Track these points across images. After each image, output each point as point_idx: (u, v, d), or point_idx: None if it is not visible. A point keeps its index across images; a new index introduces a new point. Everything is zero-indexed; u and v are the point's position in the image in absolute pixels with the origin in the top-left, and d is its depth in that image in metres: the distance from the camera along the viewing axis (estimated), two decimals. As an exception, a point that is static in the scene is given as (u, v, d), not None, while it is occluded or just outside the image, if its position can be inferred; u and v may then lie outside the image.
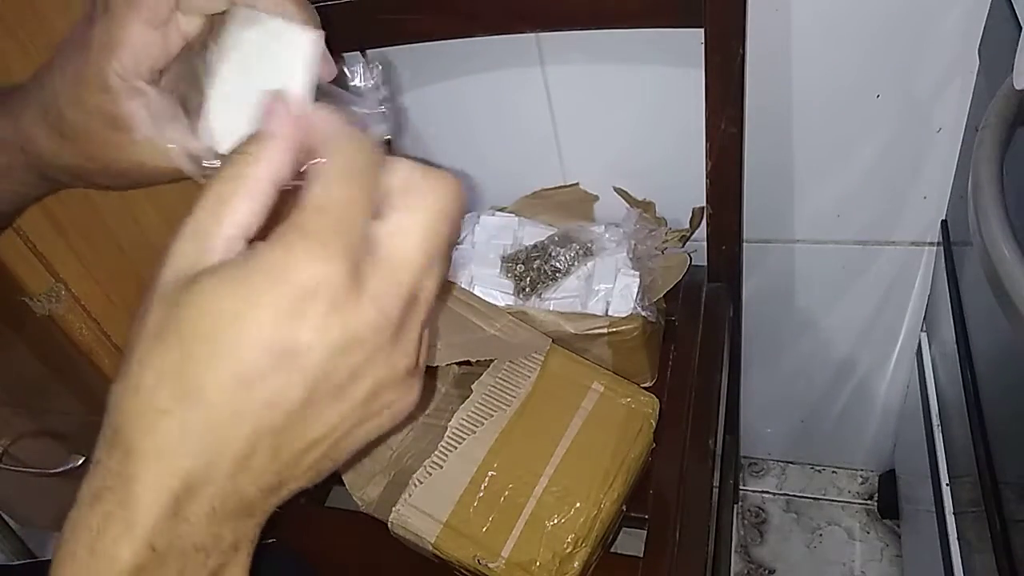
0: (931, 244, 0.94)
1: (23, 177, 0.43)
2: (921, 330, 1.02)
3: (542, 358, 0.79)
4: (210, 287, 0.28)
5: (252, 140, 0.31)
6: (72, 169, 0.42)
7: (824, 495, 1.34)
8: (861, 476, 1.35)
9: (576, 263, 0.87)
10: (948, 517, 0.81)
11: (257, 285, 0.28)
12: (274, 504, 0.32)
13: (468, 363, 0.82)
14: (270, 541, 0.35)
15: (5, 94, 0.43)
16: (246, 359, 0.28)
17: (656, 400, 0.77)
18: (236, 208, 0.30)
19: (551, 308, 0.83)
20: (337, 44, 0.38)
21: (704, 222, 0.87)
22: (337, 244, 0.28)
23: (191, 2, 0.39)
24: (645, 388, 0.79)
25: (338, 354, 0.29)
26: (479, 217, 0.92)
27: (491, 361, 0.80)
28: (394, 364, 0.31)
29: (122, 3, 0.38)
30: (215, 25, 0.39)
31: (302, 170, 0.31)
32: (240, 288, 0.28)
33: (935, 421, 0.89)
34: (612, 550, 0.76)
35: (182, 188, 0.40)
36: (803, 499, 1.35)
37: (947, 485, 0.83)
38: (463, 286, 0.85)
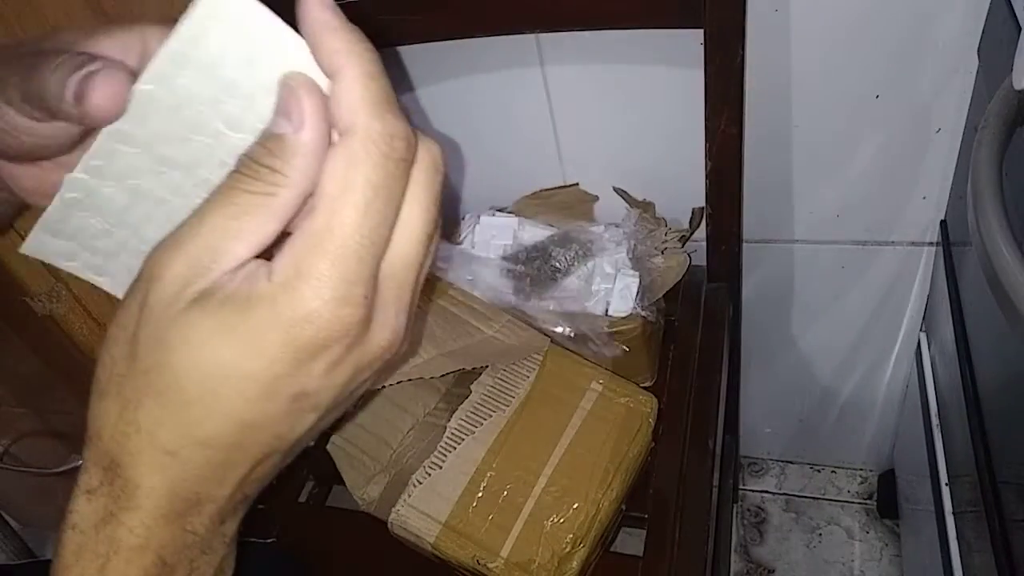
0: (930, 244, 0.94)
1: None
2: (920, 330, 1.02)
3: (541, 358, 0.79)
4: (207, 333, 0.26)
5: (280, 148, 0.26)
6: None
7: (823, 495, 1.34)
8: (860, 476, 1.35)
9: (576, 263, 0.87)
10: (947, 517, 0.81)
11: (263, 339, 0.25)
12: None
13: (468, 363, 0.83)
14: (270, 541, 0.35)
15: None
16: (254, 409, 0.27)
17: (655, 400, 0.77)
18: (259, 232, 0.26)
19: (551, 308, 0.83)
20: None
21: (704, 222, 0.87)
22: (356, 290, 0.26)
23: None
24: (645, 388, 0.79)
25: (347, 384, 0.28)
26: (479, 217, 0.92)
27: (491, 361, 0.80)
28: (392, 353, 0.29)
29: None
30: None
31: None
32: (243, 340, 0.25)
33: (934, 421, 0.89)
34: (611, 550, 0.76)
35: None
36: (802, 499, 1.35)
37: (946, 485, 0.83)
38: (462, 286, 0.85)
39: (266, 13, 0.27)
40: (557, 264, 0.87)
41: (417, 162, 0.28)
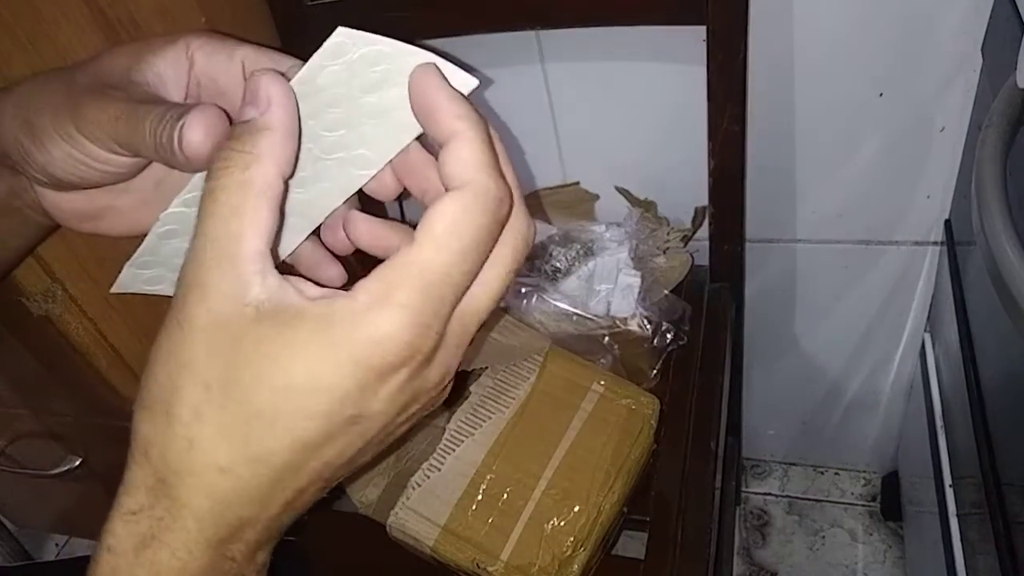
0: (934, 243, 0.94)
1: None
2: (924, 330, 1.02)
3: (541, 359, 0.79)
4: (280, 348, 0.26)
5: (246, 132, 0.28)
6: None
7: (827, 497, 1.34)
8: (864, 478, 1.34)
9: (577, 263, 0.86)
10: (951, 519, 0.80)
11: (339, 355, 0.26)
12: None
13: (468, 364, 0.82)
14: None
15: None
16: (312, 427, 0.27)
17: (656, 401, 0.77)
18: (256, 219, 0.27)
19: (551, 308, 0.83)
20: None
21: (706, 222, 0.86)
22: (433, 325, 0.27)
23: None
24: (646, 389, 0.79)
25: (402, 411, 0.29)
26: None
27: (491, 362, 0.79)
28: (439, 391, 0.31)
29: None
30: None
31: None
32: (318, 356, 0.26)
33: (938, 422, 0.88)
34: (613, 553, 0.76)
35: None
36: (805, 501, 1.34)
37: (950, 487, 0.82)
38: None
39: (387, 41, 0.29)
40: (558, 264, 0.86)
41: (512, 229, 0.29)
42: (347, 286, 0.28)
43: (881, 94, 0.80)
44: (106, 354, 0.65)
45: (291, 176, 0.29)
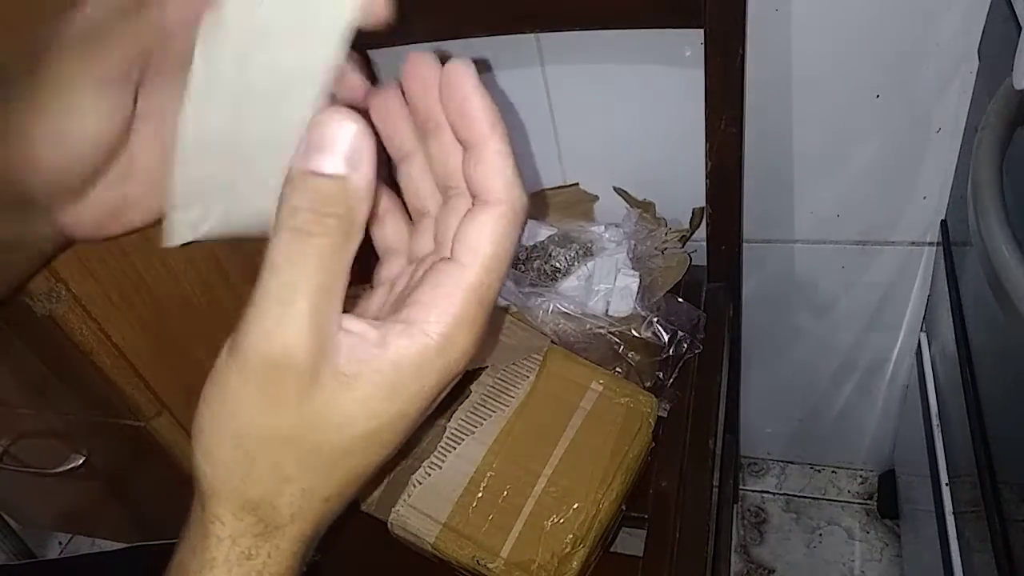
0: (931, 244, 0.94)
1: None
2: (921, 330, 1.02)
3: (541, 358, 0.79)
4: (380, 398, 0.28)
5: (344, 195, 0.26)
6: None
7: (824, 495, 1.34)
8: (861, 476, 1.35)
9: (576, 263, 0.87)
10: (948, 517, 0.81)
11: (428, 386, 0.29)
12: None
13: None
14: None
15: None
16: (394, 444, 0.30)
17: (655, 400, 0.77)
18: (341, 295, 0.28)
19: (551, 308, 0.83)
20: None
21: (704, 222, 0.87)
22: (483, 324, 0.30)
23: None
24: (645, 388, 0.79)
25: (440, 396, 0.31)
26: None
27: (491, 361, 0.80)
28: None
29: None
30: None
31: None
32: (411, 393, 0.29)
33: (935, 421, 0.89)
34: (612, 550, 0.76)
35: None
36: (803, 499, 1.35)
37: (947, 485, 0.83)
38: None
39: None
40: (557, 264, 0.87)
41: None
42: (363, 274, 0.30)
43: (878, 96, 0.81)
44: (109, 353, 0.66)
45: None
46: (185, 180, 0.33)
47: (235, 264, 0.76)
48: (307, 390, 0.27)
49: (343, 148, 0.26)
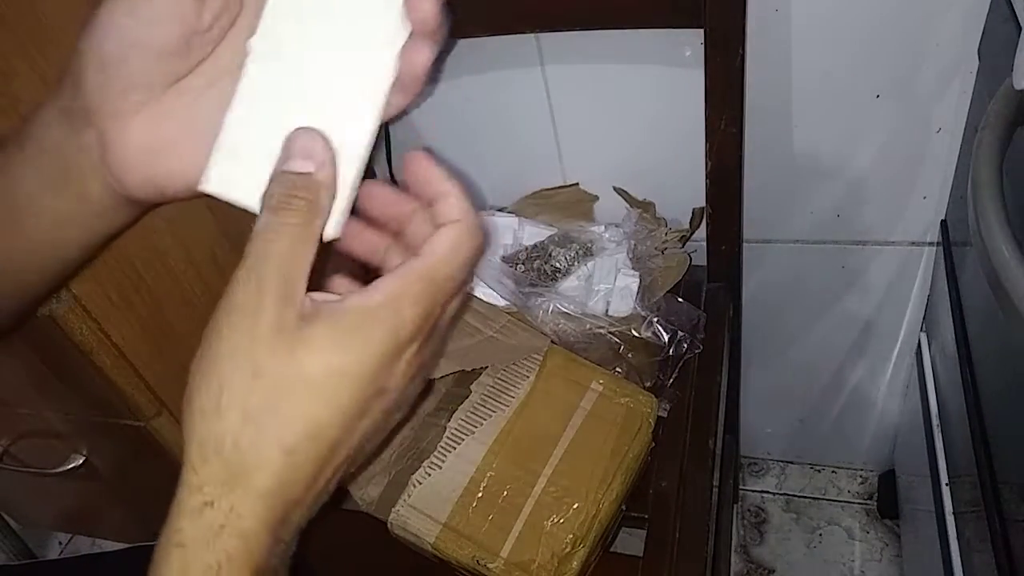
0: (931, 244, 0.94)
1: (98, 208, 0.41)
2: (921, 330, 1.02)
3: (541, 358, 0.79)
4: (329, 342, 0.32)
5: (309, 185, 0.34)
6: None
7: (824, 495, 1.34)
8: (861, 476, 1.35)
9: (576, 263, 0.87)
10: (948, 517, 0.81)
11: (374, 341, 0.33)
12: None
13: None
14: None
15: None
16: (357, 399, 0.33)
17: (655, 400, 0.77)
18: (307, 265, 0.33)
19: (551, 308, 0.83)
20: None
21: (704, 222, 0.87)
22: (435, 310, 0.35)
23: None
24: (645, 388, 0.79)
25: (410, 382, 0.36)
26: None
27: (491, 361, 0.80)
28: (431, 368, 0.39)
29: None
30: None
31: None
32: (359, 344, 0.33)
33: (935, 421, 0.89)
34: (612, 550, 0.76)
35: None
36: (803, 499, 1.35)
37: (947, 485, 0.83)
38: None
39: None
40: (557, 264, 0.87)
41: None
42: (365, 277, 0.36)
43: (878, 95, 0.81)
44: (109, 353, 0.66)
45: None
46: (233, 134, 0.36)
47: (235, 264, 0.76)
48: (275, 329, 0.32)
49: (310, 153, 0.34)
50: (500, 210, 0.96)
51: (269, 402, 0.31)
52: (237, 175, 0.36)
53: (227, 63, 0.38)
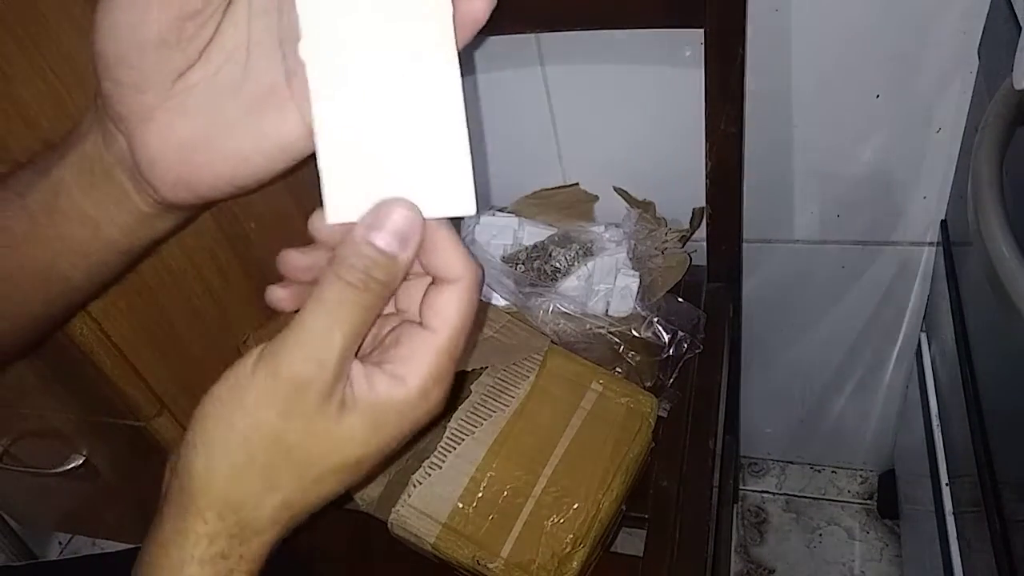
0: (931, 244, 0.94)
1: (127, 222, 0.41)
2: (921, 330, 1.02)
3: (541, 358, 0.79)
4: (360, 429, 0.34)
5: (391, 265, 0.33)
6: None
7: (824, 495, 1.34)
8: (861, 476, 1.35)
9: (576, 263, 0.87)
10: (948, 517, 0.81)
11: (399, 429, 0.35)
12: None
13: (468, 363, 0.83)
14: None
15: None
16: (360, 473, 0.35)
17: (655, 400, 0.77)
18: (360, 340, 0.34)
19: (551, 308, 0.83)
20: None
21: (704, 222, 0.87)
22: (450, 377, 0.36)
23: None
24: (645, 388, 0.79)
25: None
26: (479, 217, 0.92)
27: (491, 361, 0.80)
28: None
29: None
30: None
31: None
32: (385, 432, 0.34)
33: (935, 421, 0.89)
34: (612, 550, 0.76)
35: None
36: (803, 499, 1.35)
37: (947, 485, 0.83)
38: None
39: None
40: (557, 264, 0.87)
41: None
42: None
43: (878, 95, 0.81)
44: (110, 354, 0.66)
45: None
46: (331, 157, 0.34)
47: (235, 264, 0.76)
48: (319, 408, 0.32)
49: (398, 230, 0.33)
50: (500, 210, 0.96)
51: (300, 483, 0.34)
52: (356, 198, 0.34)
53: (231, 47, 0.36)
